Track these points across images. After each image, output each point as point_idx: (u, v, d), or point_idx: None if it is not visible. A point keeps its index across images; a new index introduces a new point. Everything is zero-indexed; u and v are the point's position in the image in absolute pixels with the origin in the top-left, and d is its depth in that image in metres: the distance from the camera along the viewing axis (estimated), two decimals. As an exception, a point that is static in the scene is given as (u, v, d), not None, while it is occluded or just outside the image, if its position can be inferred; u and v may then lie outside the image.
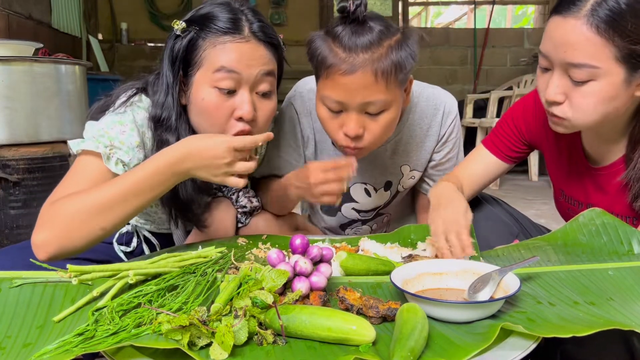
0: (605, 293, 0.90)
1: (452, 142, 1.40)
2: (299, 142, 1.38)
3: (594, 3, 0.98)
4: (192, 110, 1.15)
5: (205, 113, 1.12)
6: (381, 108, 1.13)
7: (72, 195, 1.01)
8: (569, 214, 1.29)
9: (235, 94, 1.11)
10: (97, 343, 0.74)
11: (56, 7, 4.66)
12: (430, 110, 1.35)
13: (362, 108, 1.13)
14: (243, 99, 1.10)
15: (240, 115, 1.10)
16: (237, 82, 1.10)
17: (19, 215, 2.17)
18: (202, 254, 1.02)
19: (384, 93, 1.11)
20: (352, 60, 1.08)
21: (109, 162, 1.07)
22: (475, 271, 0.93)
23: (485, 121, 4.81)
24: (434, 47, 6.65)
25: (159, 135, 1.15)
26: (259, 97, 1.14)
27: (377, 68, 1.08)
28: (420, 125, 1.36)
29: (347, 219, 1.51)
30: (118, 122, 1.12)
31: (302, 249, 0.97)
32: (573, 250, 1.08)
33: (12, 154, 2.17)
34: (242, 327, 0.74)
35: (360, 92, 1.09)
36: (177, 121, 1.14)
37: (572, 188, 1.26)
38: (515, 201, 3.68)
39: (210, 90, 1.10)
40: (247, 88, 1.11)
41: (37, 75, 2.26)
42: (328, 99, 1.13)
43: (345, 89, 1.10)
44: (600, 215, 1.11)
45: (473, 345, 0.72)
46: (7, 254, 1.17)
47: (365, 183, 1.43)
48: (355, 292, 0.87)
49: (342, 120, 1.15)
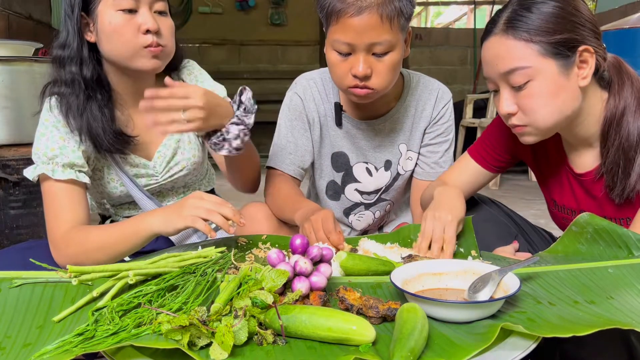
0: (605, 291, 0.90)
1: (443, 126, 1.49)
2: (307, 125, 1.47)
3: (505, 19, 1.10)
4: (103, 39, 1.22)
5: (114, 34, 1.20)
6: (386, 49, 1.24)
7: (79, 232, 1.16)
8: (564, 224, 1.29)
9: (137, 13, 1.21)
10: (97, 343, 0.74)
11: (56, 7, 4.65)
12: (425, 94, 1.47)
13: (369, 49, 1.23)
14: (145, 15, 1.21)
15: (146, 28, 1.20)
16: (136, 3, 1.21)
17: (19, 215, 2.17)
18: (202, 254, 1.02)
19: (389, 33, 1.22)
20: (360, 4, 1.20)
21: (56, 174, 1.19)
22: (475, 271, 0.93)
23: (485, 121, 4.81)
24: (434, 47, 6.65)
25: (64, 72, 1.24)
26: (157, 15, 1.24)
27: (382, 10, 1.20)
28: (415, 107, 1.47)
29: (351, 202, 1.55)
30: (40, 135, 1.23)
31: (302, 249, 0.97)
32: (575, 260, 1.08)
33: (12, 154, 2.17)
34: (242, 327, 0.74)
35: (367, 33, 1.21)
36: (78, 53, 1.23)
37: (563, 197, 1.28)
38: (514, 201, 3.68)
39: (113, 13, 1.20)
40: (146, 7, 1.22)
41: (37, 75, 2.26)
42: (338, 42, 1.24)
43: (354, 30, 1.21)
44: (590, 221, 1.11)
45: (473, 345, 0.72)
46: (7, 254, 1.18)
47: (366, 162, 1.50)
48: (355, 292, 0.87)
49: (350, 62, 1.25)
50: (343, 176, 1.52)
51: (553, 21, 1.07)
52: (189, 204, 1.10)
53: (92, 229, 1.18)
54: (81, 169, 1.22)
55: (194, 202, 1.10)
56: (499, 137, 1.32)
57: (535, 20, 1.07)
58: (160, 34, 1.23)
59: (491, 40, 1.12)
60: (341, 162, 1.50)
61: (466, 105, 5.23)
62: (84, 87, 1.23)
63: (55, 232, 1.17)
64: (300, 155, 1.45)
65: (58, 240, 1.16)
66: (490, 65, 1.12)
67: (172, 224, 1.10)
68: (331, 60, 1.29)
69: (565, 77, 1.09)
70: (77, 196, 1.21)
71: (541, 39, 1.07)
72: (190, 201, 1.10)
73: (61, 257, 1.15)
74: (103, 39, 1.22)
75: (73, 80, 1.23)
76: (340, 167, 1.51)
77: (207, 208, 1.08)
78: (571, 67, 1.09)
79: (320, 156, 1.51)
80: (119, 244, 1.13)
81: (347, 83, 1.27)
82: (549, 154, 1.28)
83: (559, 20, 1.07)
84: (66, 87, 1.23)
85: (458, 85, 6.66)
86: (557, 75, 1.08)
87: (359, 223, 1.59)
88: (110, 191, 1.34)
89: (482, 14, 7.21)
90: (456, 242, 1.14)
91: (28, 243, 1.30)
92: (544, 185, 1.34)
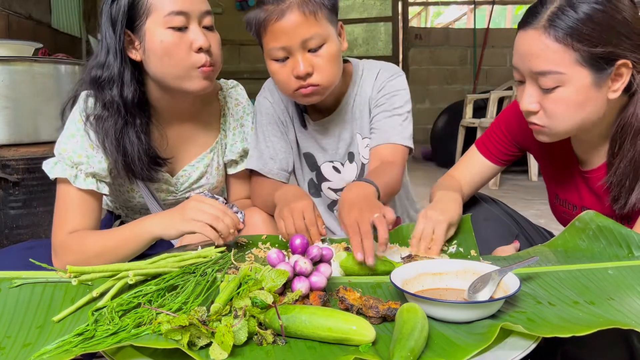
0: (605, 292, 0.90)
1: (385, 97, 1.43)
2: (281, 128, 1.47)
3: (550, 14, 1.04)
4: (152, 58, 1.18)
5: (167, 53, 1.16)
6: (319, 42, 1.26)
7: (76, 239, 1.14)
8: (564, 218, 1.29)
9: (187, 30, 1.17)
10: (97, 343, 0.74)
11: (56, 7, 4.66)
12: (368, 79, 1.47)
13: (304, 46, 1.25)
14: (196, 32, 1.18)
15: (199, 46, 1.17)
16: (187, 19, 1.17)
17: (19, 215, 2.17)
18: (202, 254, 1.02)
19: (317, 26, 1.25)
20: (281, 7, 1.23)
21: (77, 182, 1.17)
22: (475, 271, 0.93)
23: (485, 121, 4.81)
24: (434, 47, 6.65)
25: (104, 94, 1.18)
26: (206, 31, 1.21)
27: (303, 7, 1.24)
28: (363, 96, 1.46)
29: (330, 199, 1.57)
30: (70, 135, 1.20)
31: (302, 249, 0.97)
32: (574, 255, 1.09)
33: (12, 154, 2.17)
34: (242, 327, 0.74)
35: (296, 31, 1.24)
36: (120, 75, 1.18)
37: (567, 191, 1.27)
38: (515, 201, 3.67)
39: (165, 32, 1.16)
40: (195, 23, 1.18)
41: (37, 75, 2.26)
42: (273, 49, 1.26)
43: (282, 33, 1.24)
44: (594, 218, 1.11)
45: (473, 345, 0.72)
46: (7, 254, 1.18)
47: (332, 161, 1.51)
48: (355, 292, 0.87)
49: (289, 66, 1.27)
50: (316, 175, 1.53)
51: (599, 30, 1.01)
52: (192, 207, 1.08)
53: (91, 234, 1.16)
54: (103, 179, 1.20)
55: (198, 206, 1.08)
56: (506, 131, 1.32)
57: (580, 26, 1.01)
58: (211, 51, 1.20)
59: (529, 33, 1.06)
60: (311, 163, 1.52)
61: (466, 105, 5.22)
62: (124, 112, 1.19)
63: (57, 238, 1.16)
64: (280, 159, 1.44)
65: (58, 247, 1.15)
66: (522, 59, 1.07)
67: (174, 227, 1.08)
68: (273, 70, 1.30)
69: (596, 89, 1.04)
70: (90, 206, 1.19)
71: (582, 47, 1.01)
72: (193, 204, 1.09)
73: (61, 264, 1.12)
74: (152, 58, 1.17)
75: (112, 103, 1.18)
76: (312, 166, 1.53)
77: (212, 214, 1.07)
78: (605, 80, 1.04)
79: (298, 156, 1.52)
80: (119, 249, 1.11)
81: (292, 86, 1.28)
82: (556, 150, 1.27)
83: (605, 30, 1.01)
84: (104, 110, 1.18)
85: (458, 85, 6.66)
86: (588, 87, 1.04)
87: None
88: (127, 199, 1.33)
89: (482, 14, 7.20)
90: (448, 244, 1.15)
91: (28, 243, 1.30)
92: (548, 178, 1.33)
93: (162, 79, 1.20)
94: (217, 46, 1.22)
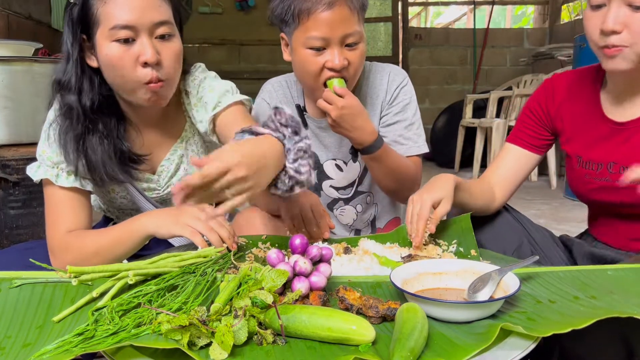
0: (606, 288, 0.90)
1: (399, 106, 1.48)
2: None
3: None
4: (104, 69, 1.16)
5: (112, 67, 1.13)
6: (357, 39, 1.31)
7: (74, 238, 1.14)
8: (585, 182, 1.29)
9: (134, 42, 1.12)
10: (97, 343, 0.74)
11: (56, 7, 4.65)
12: (378, 79, 1.50)
13: (343, 41, 1.29)
14: (143, 45, 1.11)
15: (144, 60, 1.11)
16: (135, 32, 1.11)
17: (18, 215, 2.17)
18: (202, 254, 1.02)
19: (358, 25, 1.31)
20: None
21: (59, 180, 1.16)
22: (475, 271, 0.93)
23: (484, 121, 4.81)
24: (434, 47, 6.64)
25: (64, 99, 1.18)
26: (159, 41, 1.14)
27: (350, 3, 1.28)
28: (371, 95, 1.50)
29: (330, 198, 1.58)
30: (48, 135, 1.19)
31: (301, 248, 0.97)
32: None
33: (12, 154, 2.17)
34: (242, 327, 0.74)
35: (340, 25, 1.27)
36: (77, 82, 1.16)
37: (593, 151, 1.28)
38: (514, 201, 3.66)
39: (110, 45, 1.12)
40: (145, 34, 1.12)
41: (37, 75, 2.25)
42: (312, 38, 1.28)
43: (327, 24, 1.27)
44: None
45: (473, 345, 0.72)
46: (7, 254, 1.18)
47: (335, 159, 1.53)
48: (355, 291, 0.87)
49: (324, 57, 1.30)
50: (317, 174, 1.53)
51: None
52: (189, 212, 1.07)
53: (88, 233, 1.16)
54: (84, 176, 1.19)
55: (195, 213, 1.06)
56: (533, 117, 1.35)
57: None
58: (161, 64, 1.13)
59: None
60: None
61: (466, 105, 5.22)
62: (83, 119, 1.16)
63: (53, 239, 1.16)
64: None
65: (55, 248, 1.15)
66: None
67: (166, 228, 1.08)
68: (303, 58, 1.32)
69: None
70: (79, 203, 1.19)
71: None
72: (192, 210, 1.07)
73: (60, 264, 1.11)
74: (104, 69, 1.16)
75: (71, 109, 1.16)
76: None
77: (207, 225, 1.05)
78: None
79: None
80: (115, 247, 1.12)
81: (323, 77, 1.31)
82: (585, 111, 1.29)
83: None
84: (62, 116, 1.17)
85: (458, 85, 6.65)
86: None
87: (343, 217, 1.60)
88: (110, 199, 1.33)
89: (482, 14, 7.20)
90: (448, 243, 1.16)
91: (28, 243, 1.30)
92: (569, 145, 1.34)
93: (115, 89, 1.19)
94: (171, 58, 1.15)
